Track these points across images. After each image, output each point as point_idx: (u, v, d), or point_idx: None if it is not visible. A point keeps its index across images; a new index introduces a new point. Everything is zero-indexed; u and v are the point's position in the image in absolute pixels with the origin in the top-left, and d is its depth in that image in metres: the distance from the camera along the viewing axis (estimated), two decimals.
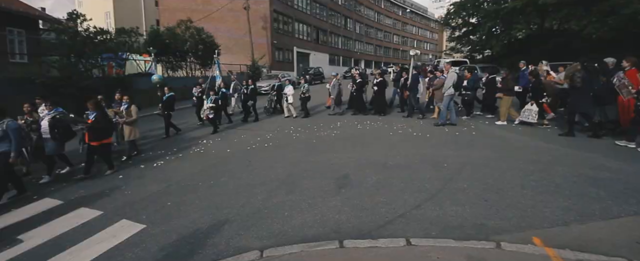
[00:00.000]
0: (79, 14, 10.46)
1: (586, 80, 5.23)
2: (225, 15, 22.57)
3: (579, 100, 5.38)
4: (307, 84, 9.76)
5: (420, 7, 59.17)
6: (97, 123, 5.02)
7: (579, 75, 5.27)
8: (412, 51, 8.93)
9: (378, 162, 4.80)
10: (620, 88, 4.96)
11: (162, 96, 8.06)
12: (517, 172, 4.00)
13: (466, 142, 5.67)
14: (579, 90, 5.29)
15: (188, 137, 8.07)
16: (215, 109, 8.17)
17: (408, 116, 8.31)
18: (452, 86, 6.83)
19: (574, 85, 5.34)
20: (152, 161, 5.95)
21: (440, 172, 4.15)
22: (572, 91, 5.50)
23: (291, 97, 9.42)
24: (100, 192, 4.56)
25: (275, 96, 10.40)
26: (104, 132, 5.20)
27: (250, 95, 9.33)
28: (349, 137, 6.66)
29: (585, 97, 5.28)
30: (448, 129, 6.75)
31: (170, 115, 7.93)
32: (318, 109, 10.62)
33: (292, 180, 4.36)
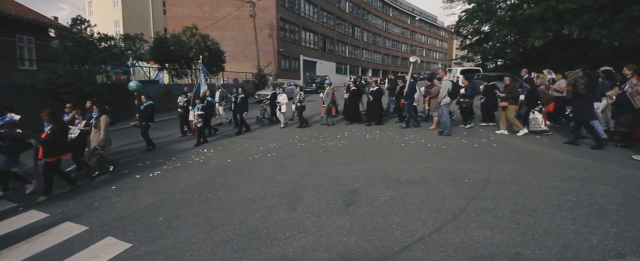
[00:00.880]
0: (83, 20, 10.56)
1: (589, 87, 5.18)
2: (231, 23, 22.86)
3: (582, 107, 5.29)
4: (302, 92, 9.34)
5: (430, 16, 59.30)
6: (53, 137, 4.47)
7: (582, 82, 5.17)
8: (411, 58, 8.71)
9: (390, 175, 4.44)
10: (633, 96, 4.83)
11: (139, 105, 7.50)
12: (551, 190, 3.59)
13: (486, 154, 5.27)
14: (582, 98, 5.22)
15: (189, 145, 7.87)
16: (205, 117, 7.74)
17: (407, 126, 8.03)
18: (447, 94, 6.64)
19: (577, 93, 5.23)
20: (149, 170, 5.72)
21: (461, 189, 3.77)
22: (574, 98, 5.39)
23: (284, 105, 9.06)
24: (90, 203, 4.33)
25: (269, 105, 9.99)
26: (60, 147, 4.64)
27: (240, 105, 8.67)
28: (357, 147, 6.33)
29: (589, 105, 5.25)
30: (465, 140, 6.36)
31: (149, 127, 7.31)
32: (313, 119, 10.26)
33: (296, 194, 4.04)
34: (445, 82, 6.84)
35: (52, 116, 4.63)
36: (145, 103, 7.31)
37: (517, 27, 14.04)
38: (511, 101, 6.61)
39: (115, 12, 27.39)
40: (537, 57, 15.31)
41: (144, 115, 7.24)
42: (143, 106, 7.30)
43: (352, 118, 9.16)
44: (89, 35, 10.68)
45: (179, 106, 8.81)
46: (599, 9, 10.51)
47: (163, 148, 7.59)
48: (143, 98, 7.36)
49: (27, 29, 13.30)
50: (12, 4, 13.71)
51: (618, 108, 5.09)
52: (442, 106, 6.81)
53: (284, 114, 9.17)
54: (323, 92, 9.43)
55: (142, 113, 7.29)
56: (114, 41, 11.41)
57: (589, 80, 5.26)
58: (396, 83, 9.06)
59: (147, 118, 7.25)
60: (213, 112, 8.76)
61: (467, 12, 18.08)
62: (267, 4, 22.38)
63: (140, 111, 7.34)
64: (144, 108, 7.27)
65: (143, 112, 7.27)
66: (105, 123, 5.52)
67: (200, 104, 7.72)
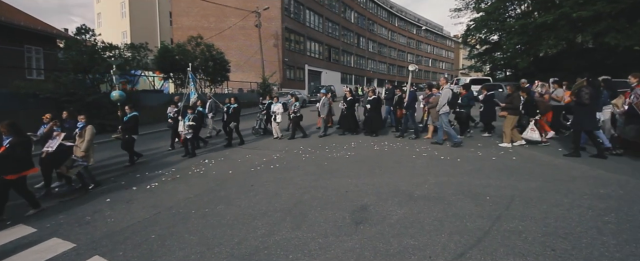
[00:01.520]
0: (88, 29, 10.67)
1: (594, 97, 5.12)
2: (236, 33, 23.14)
3: (585, 117, 5.17)
4: (298, 102, 9.03)
5: (436, 26, 59.65)
6: (12, 152, 4.05)
7: (587, 91, 5.08)
8: (410, 66, 8.48)
9: (402, 190, 4.14)
10: (639, 106, 4.85)
11: (122, 116, 7.04)
12: (585, 210, 3.25)
13: (507, 168, 4.94)
14: (586, 108, 5.13)
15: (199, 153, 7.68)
16: (195, 128, 7.39)
17: (400, 136, 7.87)
18: (447, 103, 6.48)
19: (581, 102, 5.14)
20: (146, 182, 5.51)
21: (483, 207, 3.45)
22: (577, 108, 5.30)
23: (279, 116, 8.75)
24: (81, 217, 4.11)
25: (265, 115, 9.64)
26: (22, 162, 4.16)
27: (232, 115, 8.21)
28: (365, 159, 6.05)
29: (592, 114, 5.17)
30: (481, 153, 6.04)
31: (133, 140, 6.86)
32: (310, 129, 9.95)
33: (300, 210, 3.76)
34: (445, 91, 6.64)
35: (10, 127, 4.17)
36: (130, 114, 6.87)
37: (529, 35, 13.80)
38: (511, 111, 6.35)
39: (123, 24, 28.05)
40: (549, 66, 14.99)
41: (128, 127, 6.80)
42: (127, 117, 6.88)
43: (348, 128, 8.90)
44: (93, 44, 10.76)
45: (169, 117, 8.39)
46: (616, 16, 10.24)
47: (163, 158, 7.40)
48: (127, 109, 6.94)
49: (36, 39, 13.58)
50: (21, 16, 14.05)
51: (630, 117, 5.01)
52: (441, 115, 6.62)
53: (279, 124, 8.86)
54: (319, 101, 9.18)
55: (125, 125, 6.84)
56: (119, 50, 11.46)
57: (593, 89, 5.18)
58: (394, 93, 8.89)
59: (131, 130, 6.82)
60: (203, 123, 8.36)
61: (476, 20, 17.97)
62: (272, 14, 22.66)
63: (124, 123, 6.88)
64: (128, 120, 6.84)
65: (126, 124, 6.83)
66: (91, 134, 5.21)
67: (191, 114, 7.38)
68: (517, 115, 6.43)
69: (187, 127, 7.23)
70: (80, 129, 5.26)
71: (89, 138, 5.18)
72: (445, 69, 61.36)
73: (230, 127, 8.14)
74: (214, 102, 9.59)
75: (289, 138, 8.74)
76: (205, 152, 7.94)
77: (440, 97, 6.63)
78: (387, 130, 9.13)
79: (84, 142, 5.15)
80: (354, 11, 36.14)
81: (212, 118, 9.63)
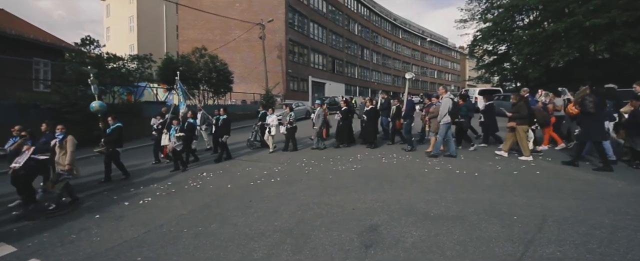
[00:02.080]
0: (92, 40, 10.71)
1: (598, 106, 4.99)
2: (241, 45, 23.38)
3: (592, 127, 4.99)
4: (292, 112, 8.62)
5: (440, 38, 59.98)
6: None
7: (590, 99, 4.96)
8: (407, 74, 8.21)
9: (416, 208, 3.76)
10: None
11: (104, 128, 6.62)
12: (632, 233, 2.83)
13: (531, 183, 4.52)
14: (592, 116, 4.98)
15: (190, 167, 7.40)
16: (185, 139, 6.95)
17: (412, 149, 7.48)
18: (448, 113, 6.28)
19: (586, 111, 5.00)
20: (139, 196, 5.21)
21: (512, 229, 3.05)
22: (583, 118, 5.15)
23: (274, 128, 8.39)
24: (65, 236, 3.80)
25: (259, 127, 9.29)
26: None
27: (222, 127, 7.72)
28: (372, 172, 5.68)
29: (599, 124, 5.04)
30: (500, 166, 5.63)
31: (118, 154, 6.43)
32: (305, 142, 9.59)
33: (302, 230, 3.39)
34: (445, 100, 6.42)
35: None
36: (113, 125, 6.45)
37: (540, 44, 13.51)
38: (520, 121, 6.09)
39: (130, 37, 28.69)
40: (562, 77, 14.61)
41: (111, 140, 6.36)
42: (110, 129, 6.47)
43: (345, 140, 8.55)
44: (97, 55, 10.76)
45: (153, 129, 7.89)
46: (632, 24, 9.90)
47: (159, 171, 7.11)
48: (110, 120, 6.53)
49: (45, 52, 13.75)
50: (30, 28, 14.32)
51: (633, 126, 4.95)
52: (442, 126, 6.37)
53: (273, 137, 8.49)
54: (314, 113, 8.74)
55: (108, 138, 6.42)
56: (123, 61, 11.46)
57: (597, 98, 5.03)
58: (389, 103, 8.61)
59: (115, 143, 6.38)
60: (194, 136, 7.87)
61: (482, 31, 17.80)
62: (276, 26, 22.92)
63: (106, 135, 6.47)
64: (111, 132, 6.43)
65: (109, 136, 6.41)
66: (73, 145, 4.89)
67: (177, 126, 7.01)
68: (526, 124, 6.16)
69: (175, 138, 6.82)
70: (60, 140, 4.88)
71: (71, 150, 4.85)
72: (451, 81, 61.21)
73: (222, 140, 7.63)
74: (204, 114, 9.18)
75: (282, 150, 8.42)
76: (204, 164, 7.65)
77: (441, 107, 6.40)
78: (382, 143, 8.81)
79: (67, 155, 4.82)
80: (358, 23, 36.52)
81: (206, 130, 9.27)
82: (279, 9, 23.22)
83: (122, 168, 6.56)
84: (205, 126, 9.15)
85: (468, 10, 18.48)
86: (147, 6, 28.04)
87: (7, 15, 14.61)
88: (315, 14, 28.24)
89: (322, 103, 8.98)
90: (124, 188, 5.85)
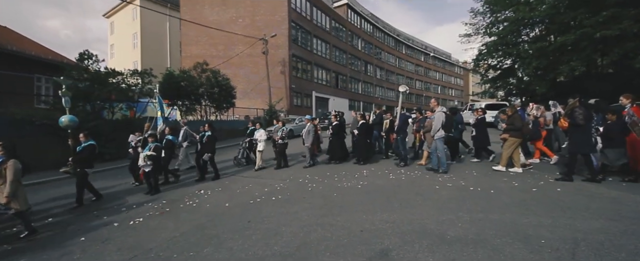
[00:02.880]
0: (90, 55, 10.76)
1: (588, 118, 5.08)
2: (244, 60, 23.67)
3: (582, 140, 5.06)
4: (285, 127, 8.32)
5: (444, 53, 60.69)
6: None
7: (580, 112, 5.03)
8: (401, 87, 8.06)
9: (430, 230, 3.45)
10: (633, 126, 4.92)
11: (74, 146, 5.96)
12: None
13: (554, 202, 4.20)
14: (581, 129, 5.05)
15: (183, 183, 7.16)
16: (155, 160, 6.29)
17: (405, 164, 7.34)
18: (441, 127, 6.27)
19: (575, 123, 5.06)
20: (131, 216, 4.96)
21: (541, 254, 2.73)
22: (572, 130, 5.22)
23: (262, 144, 8.05)
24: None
25: (247, 143, 8.92)
26: None
27: (206, 145, 7.27)
28: (380, 189, 5.39)
29: (587, 136, 5.10)
30: (516, 182, 5.32)
31: (86, 175, 5.76)
32: (297, 159, 9.27)
33: (304, 254, 3.10)
34: (438, 114, 6.36)
35: None
36: (85, 143, 5.83)
37: (548, 58, 13.41)
38: (514, 133, 6.13)
39: (134, 54, 29.28)
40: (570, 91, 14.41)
41: (80, 160, 5.67)
42: (81, 147, 5.79)
43: (337, 157, 8.28)
44: (96, 70, 10.80)
45: (130, 146, 7.27)
46: None
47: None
48: (81, 137, 5.89)
49: (47, 68, 13.95)
50: (32, 45, 14.62)
51: (607, 140, 5.04)
52: (436, 140, 6.33)
53: (262, 153, 8.13)
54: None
55: (78, 157, 5.70)
56: (122, 76, 11.50)
57: (586, 110, 5.13)
58: (382, 117, 8.53)
59: (85, 163, 5.72)
60: (173, 154, 7.35)
61: (487, 45, 17.86)
62: (279, 41, 23.27)
63: (76, 153, 5.75)
64: (81, 150, 5.75)
65: (79, 155, 5.71)
66: (14, 171, 4.06)
67: (152, 143, 6.40)
68: (519, 137, 6.21)
69: (146, 157, 6.20)
70: (1, 164, 4.11)
71: (11, 179, 4.03)
72: (454, 96, 61.30)
73: (204, 159, 7.23)
74: (187, 131, 8.66)
75: (275, 168, 8.05)
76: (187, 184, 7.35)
77: (434, 121, 6.36)
78: (377, 158, 8.64)
79: (6, 185, 4.02)
80: (361, 39, 37.11)
81: (187, 147, 8.68)
82: (282, 25, 23.66)
83: (92, 190, 5.99)
84: (186, 143, 8.55)
85: (472, 25, 18.68)
86: (150, 23, 28.77)
87: (10, 32, 14.99)
88: (319, 30, 28.77)
89: (313, 119, 8.78)
90: (115, 207, 5.60)
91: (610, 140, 5.01)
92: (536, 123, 6.97)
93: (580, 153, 5.16)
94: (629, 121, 4.97)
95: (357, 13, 36.41)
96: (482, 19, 18.30)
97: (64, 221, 4.93)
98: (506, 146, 6.18)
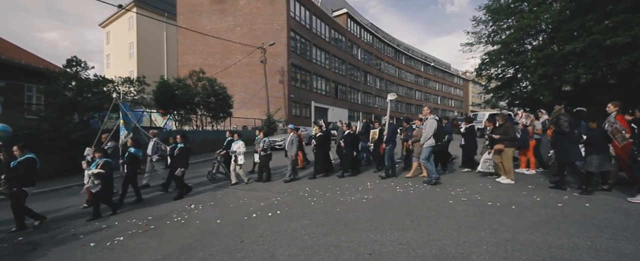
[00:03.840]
0: (79, 61, 10.39)
1: (573, 125, 5.11)
2: (242, 70, 23.49)
3: (568, 147, 5.08)
4: (267, 138, 7.79)
5: (443, 63, 61.19)
6: None
7: (565, 119, 5.06)
8: (389, 95, 7.79)
9: (451, 254, 3.02)
10: (614, 133, 4.97)
11: (7, 161, 5.09)
12: None
13: (587, 220, 3.77)
14: (567, 137, 5.07)
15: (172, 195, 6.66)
16: (103, 178, 5.33)
17: (387, 176, 7.08)
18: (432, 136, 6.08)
19: (561, 131, 5.07)
20: (111, 235, 4.50)
21: None
22: (559, 138, 5.21)
23: (241, 157, 7.37)
24: None
25: (223, 157, 8.18)
26: None
27: (178, 158, 6.54)
28: (388, 204, 4.96)
29: (574, 144, 5.13)
30: (538, 197, 4.91)
31: (25, 195, 4.88)
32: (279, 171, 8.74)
33: None
34: (430, 122, 6.18)
35: None
36: (20, 157, 4.93)
37: (553, 66, 13.23)
38: (508, 143, 6.03)
39: (130, 63, 29.14)
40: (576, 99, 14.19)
41: (15, 177, 4.81)
42: (15, 162, 4.92)
43: (322, 170, 7.85)
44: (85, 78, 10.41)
45: (86, 160, 6.11)
46: None
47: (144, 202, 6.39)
48: (15, 151, 4.96)
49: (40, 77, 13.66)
50: (23, 54, 14.36)
51: (590, 147, 5.07)
52: (425, 149, 6.14)
53: (242, 166, 7.49)
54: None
55: (11, 174, 4.82)
56: (113, 84, 11.15)
57: (571, 117, 5.15)
58: (368, 127, 8.30)
59: (21, 181, 4.84)
60: (138, 169, 6.49)
61: (490, 54, 17.74)
62: (278, 50, 23.18)
63: (10, 170, 4.87)
64: (16, 166, 4.88)
65: (13, 172, 4.84)
66: None
67: (100, 159, 5.51)
68: (514, 146, 6.22)
69: (92, 176, 5.26)
70: None
71: None
72: (454, 107, 61.39)
73: (177, 175, 6.49)
74: (156, 143, 7.88)
75: (255, 180, 7.58)
76: (194, 194, 6.94)
77: (426, 129, 6.16)
78: (364, 170, 8.34)
79: None
80: (361, 48, 37.27)
81: (157, 161, 7.85)
82: (281, 33, 23.63)
83: (30, 213, 4.97)
84: (156, 157, 7.77)
85: (475, 34, 18.62)
86: (147, 32, 28.77)
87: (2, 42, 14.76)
88: (318, 39, 28.82)
89: (297, 129, 8.41)
90: (96, 224, 5.13)
91: (593, 147, 5.05)
92: (525, 132, 6.95)
93: (566, 161, 5.18)
94: (610, 129, 5.02)
95: (356, 22, 36.72)
96: (484, 27, 18.29)
97: (34, 241, 4.45)
98: (505, 158, 6.03)
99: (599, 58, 11.16)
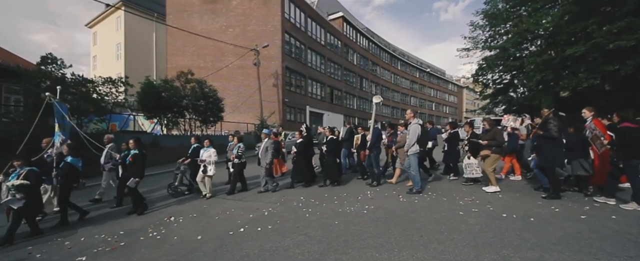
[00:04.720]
0: (55, 58, 9.72)
1: (561, 130, 5.04)
2: (234, 73, 22.98)
3: (554, 153, 4.98)
4: (241, 144, 7.09)
5: (438, 70, 61.73)
6: None
7: (554, 123, 4.98)
8: (375, 98, 7.38)
9: None
10: (593, 140, 4.99)
11: None
12: None
13: (618, 235, 3.38)
14: (555, 141, 4.99)
15: (154, 207, 6.09)
16: (27, 191, 4.49)
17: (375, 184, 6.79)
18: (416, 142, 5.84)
19: (549, 136, 4.96)
20: (73, 254, 3.94)
21: None
22: (546, 142, 5.09)
23: (212, 167, 6.61)
24: None
25: (186, 167, 7.32)
26: None
27: (131, 167, 5.78)
28: (392, 216, 4.50)
29: (560, 150, 5.06)
30: (557, 207, 4.51)
31: None
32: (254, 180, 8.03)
33: None
34: (413, 127, 5.88)
35: None
36: None
37: (552, 71, 13.10)
38: (496, 149, 5.90)
39: (117, 65, 28.36)
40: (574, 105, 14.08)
41: None
42: None
43: (301, 178, 7.32)
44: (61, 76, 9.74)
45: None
46: None
47: (112, 214, 5.80)
48: None
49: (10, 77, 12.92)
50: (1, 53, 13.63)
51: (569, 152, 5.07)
52: (410, 156, 5.87)
53: (211, 178, 6.74)
54: None
55: None
56: (93, 84, 10.53)
57: (559, 122, 5.05)
58: (351, 133, 7.98)
59: None
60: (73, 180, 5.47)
61: (487, 59, 17.66)
62: (272, 52, 22.76)
63: None
64: None
65: None
66: None
67: (22, 168, 4.65)
68: (501, 153, 6.09)
69: (12, 188, 4.40)
70: None
71: None
72: (448, 113, 61.77)
73: (129, 186, 5.65)
74: (108, 152, 6.94)
75: (227, 193, 6.85)
76: (176, 203, 6.37)
77: (409, 134, 5.86)
78: (351, 177, 8.03)
79: None
80: (356, 53, 37.18)
81: (110, 171, 6.94)
82: (276, 35, 23.23)
83: None
84: (109, 165, 6.86)
85: (472, 39, 18.57)
86: (135, 33, 28.08)
87: None
88: (314, 42, 28.54)
89: (278, 135, 7.93)
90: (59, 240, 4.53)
91: (572, 151, 5.06)
92: (514, 135, 6.81)
93: (555, 165, 5.07)
94: (590, 135, 5.03)
95: (352, 26, 36.70)
96: (481, 33, 18.25)
97: None
98: (488, 164, 5.86)
99: (601, 62, 11.03)
